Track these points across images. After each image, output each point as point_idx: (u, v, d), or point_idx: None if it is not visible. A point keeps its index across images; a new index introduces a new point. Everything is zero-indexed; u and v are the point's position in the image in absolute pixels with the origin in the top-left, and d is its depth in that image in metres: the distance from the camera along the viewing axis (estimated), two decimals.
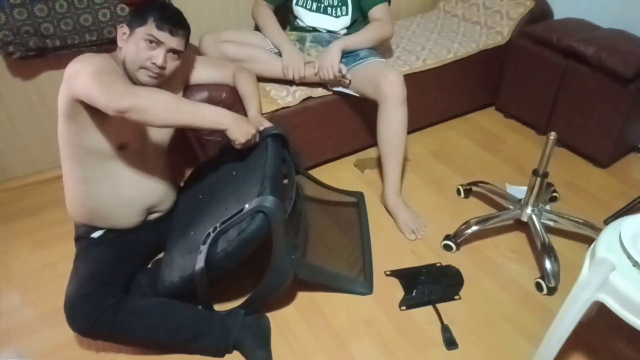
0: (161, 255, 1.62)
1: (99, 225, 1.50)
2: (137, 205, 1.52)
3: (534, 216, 1.66)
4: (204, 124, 1.33)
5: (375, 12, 1.89)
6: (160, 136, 1.56)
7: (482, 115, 2.50)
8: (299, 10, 1.98)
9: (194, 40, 2.06)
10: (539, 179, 1.60)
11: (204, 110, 1.32)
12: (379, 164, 1.84)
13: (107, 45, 1.95)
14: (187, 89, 1.66)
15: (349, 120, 2.05)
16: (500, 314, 1.50)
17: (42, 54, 1.86)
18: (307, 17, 1.97)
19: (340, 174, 2.12)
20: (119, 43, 1.41)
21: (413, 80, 2.05)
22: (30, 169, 2.13)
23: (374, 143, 1.81)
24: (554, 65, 2.12)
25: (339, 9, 1.93)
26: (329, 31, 1.98)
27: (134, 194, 1.50)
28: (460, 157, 2.19)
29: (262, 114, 1.69)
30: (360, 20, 1.98)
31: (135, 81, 1.39)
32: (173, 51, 1.40)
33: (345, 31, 1.98)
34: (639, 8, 2.04)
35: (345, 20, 1.95)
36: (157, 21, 1.35)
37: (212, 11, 2.17)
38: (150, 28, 1.35)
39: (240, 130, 1.36)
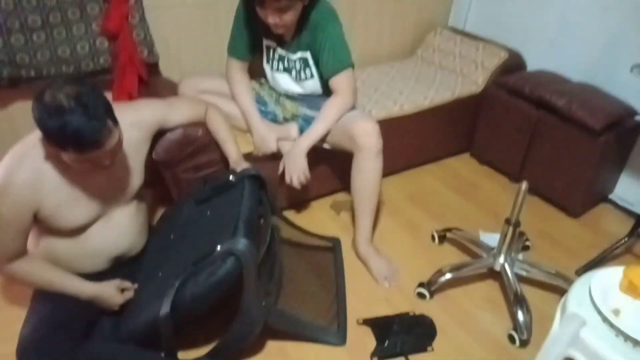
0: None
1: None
2: (102, 256, 1.46)
3: (506, 265, 1.66)
4: (72, 294, 1.39)
5: (335, 82, 1.72)
6: (124, 192, 1.46)
7: (457, 161, 2.54)
8: (269, 73, 1.89)
9: (173, 75, 2.08)
10: (511, 228, 1.61)
11: (68, 285, 1.38)
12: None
13: (84, 78, 1.93)
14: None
15: (326, 163, 2.05)
16: None
17: (15, 84, 1.83)
18: (283, 81, 1.87)
19: (316, 215, 2.10)
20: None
21: (390, 125, 2.08)
22: None
23: (350, 186, 1.81)
24: (526, 115, 2.18)
25: (302, 72, 1.80)
26: (308, 98, 1.89)
27: (99, 247, 1.44)
28: (436, 202, 2.21)
29: None
30: None
31: None
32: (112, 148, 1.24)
33: (320, 91, 1.87)
34: (607, 64, 2.14)
35: (315, 83, 1.83)
36: (78, 151, 1.17)
37: (194, 52, 2.17)
38: (75, 155, 1.19)
39: (105, 302, 1.43)
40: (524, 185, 1.52)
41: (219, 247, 1.26)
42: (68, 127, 1.12)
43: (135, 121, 1.43)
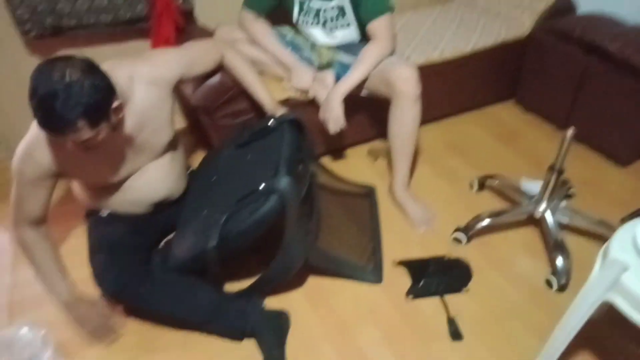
0: (171, 236, 1.62)
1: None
2: (142, 204, 1.49)
3: (548, 212, 1.63)
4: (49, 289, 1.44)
5: (374, 26, 1.69)
6: (152, 150, 1.44)
7: (500, 108, 2.45)
8: (302, 28, 1.86)
9: (209, 23, 2.07)
10: (554, 175, 1.56)
11: (55, 283, 1.42)
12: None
13: (122, 26, 1.95)
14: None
15: (362, 110, 2.03)
16: (508, 308, 1.48)
17: (57, 33, 1.88)
18: (317, 35, 1.84)
19: (352, 162, 2.11)
20: None
21: (430, 71, 2.02)
22: None
23: (387, 133, 1.79)
24: (575, 61, 2.07)
25: (337, 21, 1.77)
26: (345, 45, 1.85)
27: (137, 197, 1.46)
28: (476, 150, 2.16)
29: None
30: None
31: None
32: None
33: (357, 39, 1.83)
34: None
35: (351, 33, 1.81)
36: (38, 122, 1.12)
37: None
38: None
39: (76, 316, 1.44)
40: (571, 130, 1.47)
41: (262, 186, 1.29)
42: (36, 97, 1.08)
43: (154, 79, 1.37)
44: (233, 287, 1.51)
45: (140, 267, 1.37)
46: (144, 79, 1.34)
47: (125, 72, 1.30)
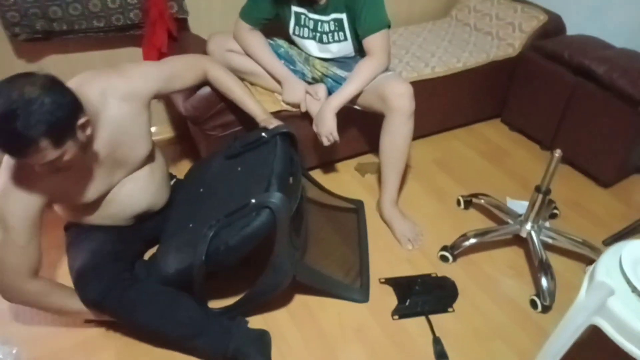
0: (155, 248, 1.60)
1: None
2: (123, 218, 1.47)
3: (533, 232, 1.65)
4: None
5: (370, 41, 1.68)
6: (129, 165, 1.41)
7: (487, 126, 2.48)
8: (297, 40, 1.86)
9: (202, 32, 2.07)
10: (540, 196, 1.58)
11: (71, 307, 1.34)
12: (380, 169, 1.83)
13: (115, 32, 1.94)
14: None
15: (354, 124, 2.03)
16: (493, 329, 1.48)
17: (48, 38, 1.85)
18: (311, 48, 1.84)
19: (340, 177, 2.10)
20: None
21: (420, 87, 2.03)
22: None
23: (376, 148, 1.80)
24: (563, 82, 2.10)
25: (335, 34, 1.76)
26: (339, 58, 1.86)
27: (117, 211, 1.44)
28: (463, 168, 2.18)
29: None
30: None
31: None
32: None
33: (352, 53, 1.85)
34: None
35: (347, 46, 1.80)
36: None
37: (224, 9, 2.13)
38: None
39: None
40: (558, 153, 1.48)
41: (253, 200, 1.27)
42: None
43: (128, 93, 1.33)
44: (217, 303, 1.48)
45: (122, 274, 1.33)
46: (118, 93, 1.30)
47: (97, 86, 1.26)
